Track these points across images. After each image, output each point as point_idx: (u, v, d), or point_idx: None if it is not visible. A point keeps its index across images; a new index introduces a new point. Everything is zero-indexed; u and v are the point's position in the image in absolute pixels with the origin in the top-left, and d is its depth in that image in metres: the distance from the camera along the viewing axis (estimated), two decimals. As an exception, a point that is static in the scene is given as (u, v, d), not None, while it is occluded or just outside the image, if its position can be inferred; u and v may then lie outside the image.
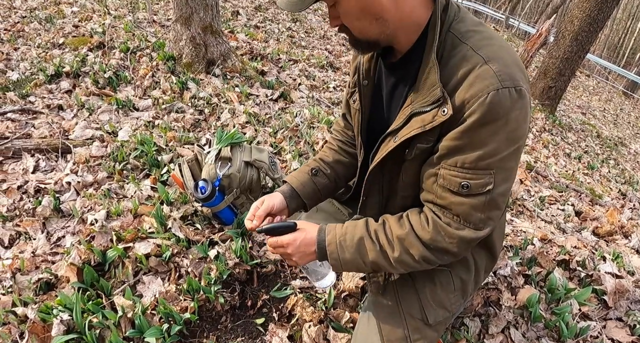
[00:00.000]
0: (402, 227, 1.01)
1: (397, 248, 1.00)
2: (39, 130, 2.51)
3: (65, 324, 1.45)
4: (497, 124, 0.85)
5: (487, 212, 0.95)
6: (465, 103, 0.86)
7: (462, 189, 0.91)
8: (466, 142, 0.88)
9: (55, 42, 3.75)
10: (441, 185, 0.95)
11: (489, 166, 0.89)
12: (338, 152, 1.43)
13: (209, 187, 1.75)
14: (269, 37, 4.98)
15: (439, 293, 1.20)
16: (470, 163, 0.89)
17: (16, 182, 2.14)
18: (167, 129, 2.56)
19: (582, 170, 4.93)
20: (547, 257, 2.18)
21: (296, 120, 2.88)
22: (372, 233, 1.04)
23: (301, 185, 1.33)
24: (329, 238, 1.05)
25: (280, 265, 1.79)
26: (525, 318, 1.79)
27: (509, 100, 0.84)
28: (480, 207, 0.93)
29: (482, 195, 0.92)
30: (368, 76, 1.14)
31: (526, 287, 1.94)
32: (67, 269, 1.62)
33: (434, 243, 0.97)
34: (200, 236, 1.82)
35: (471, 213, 0.94)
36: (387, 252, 1.01)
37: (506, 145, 0.88)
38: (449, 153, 0.92)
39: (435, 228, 0.97)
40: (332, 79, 4.19)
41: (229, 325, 1.57)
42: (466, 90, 0.86)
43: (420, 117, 0.95)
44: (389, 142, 1.04)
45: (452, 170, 0.92)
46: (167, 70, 3.29)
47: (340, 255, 1.04)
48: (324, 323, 1.54)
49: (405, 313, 1.17)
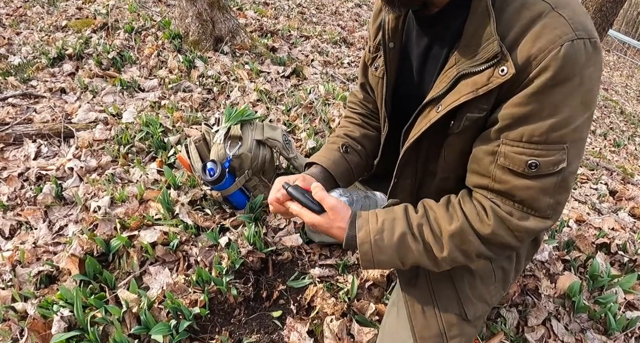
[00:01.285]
0: (454, 219, 0.84)
1: (447, 246, 0.84)
2: (41, 115, 2.38)
3: (66, 321, 1.34)
4: (571, 84, 0.70)
5: (556, 195, 0.79)
6: (531, 59, 0.71)
7: (530, 169, 0.75)
8: (535, 108, 0.72)
9: (58, 25, 3.61)
10: (501, 165, 0.78)
11: (562, 138, 0.73)
12: (362, 126, 1.25)
13: (218, 168, 1.60)
14: (278, 13, 4.77)
15: (478, 286, 1.06)
16: (540, 135, 0.73)
17: (17, 169, 2.03)
18: (174, 109, 2.41)
19: (608, 148, 4.68)
20: (586, 240, 2.00)
21: (310, 97, 2.70)
22: (415, 228, 0.86)
23: (333, 164, 1.13)
24: (362, 235, 0.86)
25: (297, 252, 1.65)
26: (567, 309, 1.62)
27: (584, 53, 0.69)
28: (550, 191, 0.77)
29: (552, 176, 0.76)
30: (395, 37, 0.96)
31: (566, 273, 1.77)
32: (68, 261, 1.50)
33: (494, 238, 0.82)
34: (210, 222, 1.68)
35: (538, 199, 0.78)
36: (434, 251, 0.85)
37: (581, 110, 0.73)
38: (513, 124, 0.75)
39: (497, 220, 0.81)
40: (346, 55, 3.98)
41: (242, 319, 1.43)
42: (532, 42, 0.71)
43: (470, 79, 0.78)
44: (429, 112, 0.86)
45: (517, 146, 0.76)
46: (174, 49, 3.13)
47: (375, 257, 0.86)
48: (347, 316, 1.40)
49: (441, 307, 1.03)
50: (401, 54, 0.99)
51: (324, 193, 0.91)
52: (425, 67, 0.94)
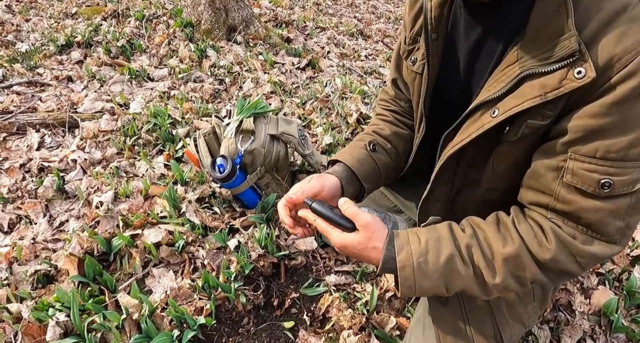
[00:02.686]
0: (508, 242, 0.73)
1: (500, 272, 0.73)
2: (46, 104, 2.29)
3: (62, 326, 1.24)
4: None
5: (628, 218, 0.67)
6: (614, 61, 0.59)
7: (602, 190, 0.65)
8: (616, 120, 0.61)
9: (68, 12, 3.53)
10: (568, 183, 0.68)
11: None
12: (394, 124, 1.11)
13: (229, 165, 1.48)
14: (294, 4, 4.64)
15: (516, 306, 0.95)
16: (618, 151, 0.62)
17: (19, 160, 1.94)
18: (183, 100, 2.30)
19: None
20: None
21: (326, 90, 2.57)
22: (464, 249, 0.75)
23: (358, 163, 1.00)
24: (403, 258, 0.74)
25: (312, 257, 1.53)
26: (603, 328, 1.49)
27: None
28: (621, 213, 0.67)
29: (626, 197, 0.65)
30: (439, 27, 0.83)
31: (600, 287, 1.63)
32: (66, 260, 1.39)
33: (554, 264, 0.71)
34: (219, 222, 1.56)
35: (607, 222, 0.67)
36: (484, 276, 0.74)
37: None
38: (586, 137, 0.64)
39: (559, 245, 0.70)
40: (363, 48, 3.84)
41: (251, 329, 1.32)
42: (615, 41, 0.59)
43: (538, 81, 0.66)
44: (481, 116, 0.74)
45: (589, 163, 0.65)
46: (185, 38, 3.02)
47: (418, 283, 0.74)
48: (366, 331, 1.28)
49: (474, 329, 0.92)
50: (445, 47, 0.86)
51: (356, 208, 0.78)
52: (475, 64, 0.81)
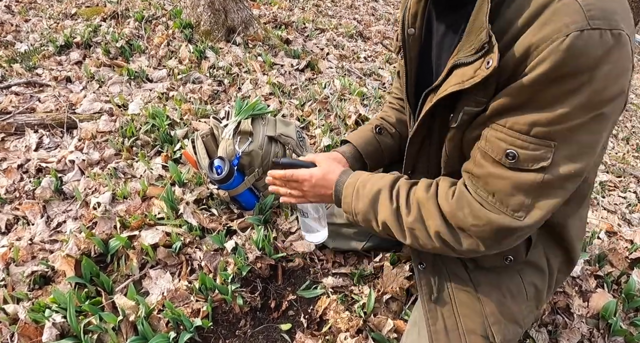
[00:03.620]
0: (427, 191, 0.83)
1: (413, 213, 0.83)
2: (45, 104, 2.29)
3: (59, 327, 1.24)
4: (575, 81, 0.61)
5: (535, 197, 0.70)
6: (532, 49, 0.63)
7: (507, 159, 0.69)
8: (526, 99, 0.66)
9: (68, 12, 3.53)
10: (482, 148, 0.74)
11: (549, 135, 0.65)
12: (400, 111, 1.21)
13: (226, 166, 1.48)
14: (293, 5, 4.64)
15: (509, 305, 0.95)
16: (523, 125, 0.67)
17: (17, 161, 1.93)
18: (182, 101, 2.30)
19: (631, 153, 4.49)
20: (619, 254, 1.85)
21: (325, 92, 2.57)
22: (395, 189, 0.87)
23: (364, 143, 1.16)
24: (350, 181, 0.93)
25: (309, 259, 1.52)
26: (601, 331, 1.49)
27: (599, 47, 0.59)
28: (526, 189, 0.69)
29: (531, 173, 0.68)
30: (415, 23, 0.89)
31: (599, 290, 1.63)
32: (63, 262, 1.39)
33: (453, 219, 0.77)
34: (216, 223, 1.56)
35: (511, 194, 0.71)
36: (402, 215, 0.85)
37: (583, 111, 0.63)
38: (501, 111, 0.70)
39: (458, 201, 0.77)
40: (363, 49, 3.84)
41: (248, 331, 1.31)
42: (536, 31, 0.62)
43: (461, 70, 0.73)
44: (430, 100, 0.83)
45: (499, 131, 0.70)
46: (184, 39, 3.01)
47: (354, 203, 0.91)
48: (363, 333, 1.27)
49: (466, 328, 0.93)
50: (421, 42, 0.91)
51: (314, 154, 1.02)
52: (442, 56, 0.87)
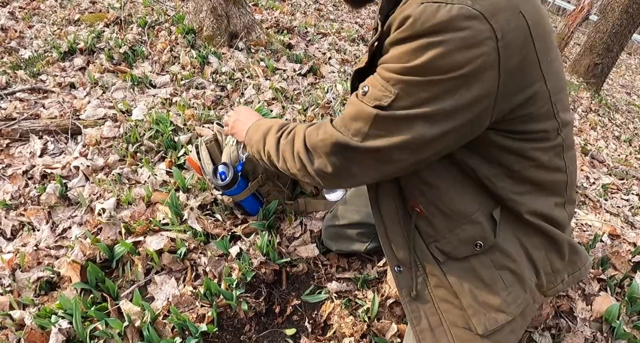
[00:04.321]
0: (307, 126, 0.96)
1: (288, 138, 0.97)
2: (49, 110, 2.30)
3: (65, 333, 1.25)
4: (417, 43, 0.71)
5: (373, 129, 0.80)
6: (393, 21, 0.76)
7: (361, 90, 0.82)
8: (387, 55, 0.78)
9: (71, 18, 3.55)
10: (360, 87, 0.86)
11: (389, 79, 0.76)
12: None
13: (230, 172, 1.49)
14: (295, 10, 4.66)
15: (485, 295, 0.94)
16: (380, 70, 0.79)
17: (22, 167, 1.94)
18: (185, 107, 2.31)
19: (634, 154, 4.48)
20: (622, 257, 1.84)
21: (328, 96, 2.58)
22: (285, 124, 1.04)
23: None
24: (257, 120, 1.16)
25: (313, 264, 1.53)
26: (604, 334, 1.48)
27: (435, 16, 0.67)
28: (364, 118, 0.80)
29: (369, 107, 0.79)
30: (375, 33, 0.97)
31: (602, 294, 1.62)
32: (68, 267, 1.40)
33: (309, 140, 0.90)
34: (221, 229, 1.57)
35: (354, 118, 0.82)
36: (280, 140, 0.99)
37: (422, 70, 0.72)
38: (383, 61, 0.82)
39: (319, 126, 0.91)
40: (364, 53, 3.85)
41: (253, 336, 1.32)
42: (398, 13, 0.75)
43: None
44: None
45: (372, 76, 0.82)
46: (187, 44, 3.03)
47: (250, 133, 1.12)
48: (367, 338, 1.28)
49: (449, 322, 0.95)
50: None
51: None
52: None
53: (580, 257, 1.05)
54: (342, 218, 1.43)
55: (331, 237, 1.50)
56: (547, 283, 1.00)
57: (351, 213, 1.42)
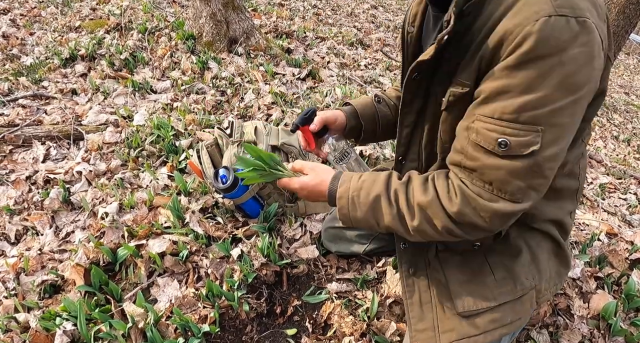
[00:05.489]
0: (426, 193, 0.83)
1: (417, 217, 0.84)
2: (51, 116, 2.33)
3: (69, 335, 1.27)
4: (548, 63, 0.66)
5: (529, 180, 0.74)
6: (507, 34, 0.69)
7: (499, 148, 0.72)
8: (507, 83, 0.70)
9: (72, 25, 3.59)
10: (474, 142, 0.76)
11: (535, 119, 0.69)
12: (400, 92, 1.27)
13: (231, 175, 1.51)
14: (294, 14, 4.70)
15: (472, 283, 0.99)
16: (510, 113, 0.70)
17: (25, 172, 1.97)
18: (186, 112, 2.34)
19: (632, 154, 4.50)
20: (619, 255, 1.86)
21: (327, 100, 2.61)
22: (392, 193, 0.87)
23: (362, 106, 1.24)
24: (341, 191, 0.91)
25: (314, 265, 1.55)
26: (601, 331, 1.50)
27: (566, 32, 0.65)
28: (521, 174, 0.73)
29: (523, 158, 0.72)
30: (414, 22, 0.96)
31: (599, 292, 1.64)
32: (72, 271, 1.42)
33: (461, 217, 0.80)
34: (222, 232, 1.59)
35: (508, 181, 0.74)
36: (406, 219, 0.85)
37: (560, 93, 0.68)
38: (486, 98, 0.73)
39: (464, 201, 0.79)
40: (363, 57, 3.89)
41: (254, 337, 1.34)
42: (511, 19, 0.69)
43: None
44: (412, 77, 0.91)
45: (488, 122, 0.73)
46: (187, 50, 3.07)
47: (351, 213, 0.91)
48: (367, 337, 1.30)
49: (438, 299, 1.00)
50: (419, 40, 0.97)
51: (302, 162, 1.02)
52: None
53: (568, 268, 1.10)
54: None
55: (331, 239, 1.53)
56: (544, 290, 1.03)
57: None
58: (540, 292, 1.03)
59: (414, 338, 0.98)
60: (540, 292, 1.03)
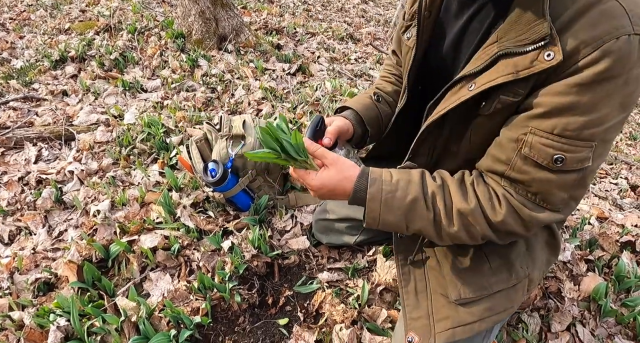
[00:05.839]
0: (467, 201, 0.80)
1: (456, 224, 0.81)
2: (42, 118, 2.34)
3: (63, 330, 1.28)
4: (617, 82, 0.65)
5: (573, 191, 0.75)
6: (582, 47, 0.65)
7: (555, 164, 0.71)
8: (575, 100, 0.67)
9: (61, 27, 3.58)
10: (526, 155, 0.73)
11: (592, 136, 0.69)
12: (395, 84, 1.24)
13: (220, 169, 1.52)
14: (284, 11, 4.70)
15: (465, 271, 0.99)
16: (572, 131, 0.68)
17: (17, 174, 1.98)
18: (176, 109, 2.35)
19: (624, 141, 4.53)
20: (609, 238, 1.88)
21: (317, 94, 2.62)
22: (430, 196, 0.82)
23: (364, 108, 1.15)
24: (373, 191, 0.82)
25: (305, 255, 1.57)
26: (592, 313, 1.52)
27: (637, 52, 0.63)
28: (568, 187, 0.74)
29: (574, 173, 0.72)
30: (433, 5, 0.91)
31: (590, 274, 1.66)
32: (65, 267, 1.44)
33: (503, 226, 0.79)
34: (213, 225, 1.60)
35: (554, 193, 0.74)
36: (443, 225, 0.82)
37: (618, 111, 0.68)
38: (548, 113, 0.70)
39: (509, 210, 0.77)
40: (353, 51, 3.89)
41: (247, 327, 1.35)
42: (586, 29, 0.65)
43: (512, 60, 0.72)
44: (460, 89, 0.80)
45: (547, 138, 0.70)
46: (177, 49, 3.07)
47: (382, 216, 0.83)
48: (358, 324, 1.31)
49: (432, 287, 1.01)
50: (436, 25, 0.94)
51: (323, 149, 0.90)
52: (462, 42, 0.88)
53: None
54: (331, 212, 1.47)
55: (321, 231, 1.54)
56: (536, 278, 1.05)
57: (340, 208, 1.44)
58: (532, 280, 1.04)
59: (409, 326, 0.97)
60: (533, 281, 1.04)
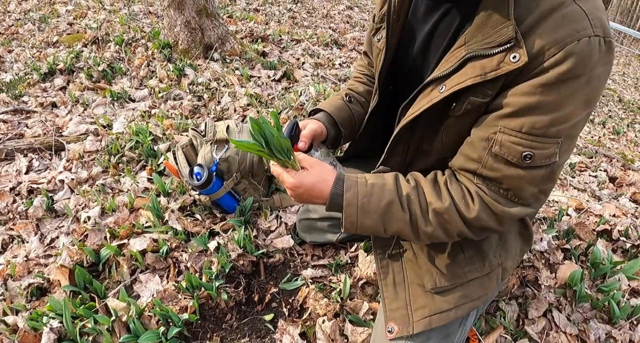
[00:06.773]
0: (441, 199, 0.83)
1: (432, 223, 0.84)
2: (32, 130, 2.39)
3: (56, 332, 1.32)
4: (580, 81, 0.69)
5: (542, 185, 0.79)
6: (546, 48, 0.69)
7: (524, 161, 0.75)
8: (542, 100, 0.71)
9: (50, 41, 3.63)
10: (496, 153, 0.77)
11: (559, 133, 0.73)
12: (367, 84, 1.26)
13: (205, 172, 1.58)
14: (269, 19, 4.78)
15: (441, 261, 1.03)
16: (540, 128, 0.72)
17: (9, 184, 2.02)
18: (164, 118, 2.41)
19: (607, 136, 4.63)
20: (586, 227, 1.96)
21: (301, 99, 2.69)
22: (404, 198, 0.85)
23: (336, 110, 1.17)
24: (349, 196, 0.85)
25: (289, 254, 1.62)
26: (568, 299, 1.59)
27: (597, 52, 0.68)
28: (537, 181, 0.78)
29: (543, 168, 0.76)
30: (401, 8, 0.95)
31: (566, 262, 1.73)
32: (57, 272, 1.48)
33: (477, 222, 0.83)
34: (200, 227, 1.66)
35: (524, 188, 0.79)
36: (419, 225, 0.85)
37: (582, 108, 0.73)
38: (515, 113, 0.74)
39: (482, 206, 0.81)
40: (338, 56, 3.97)
41: (234, 324, 1.41)
42: (549, 32, 0.69)
43: (479, 62, 0.75)
44: (431, 91, 0.84)
45: (515, 136, 0.74)
46: (163, 59, 3.13)
47: (360, 220, 0.86)
48: (340, 317, 1.37)
49: (409, 278, 1.04)
50: (405, 28, 0.97)
51: (302, 154, 0.93)
52: (430, 44, 0.92)
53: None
54: (314, 211, 1.52)
55: (305, 229, 1.59)
56: (509, 267, 1.09)
57: (322, 207, 1.49)
58: (506, 269, 1.08)
59: (389, 316, 1.00)
60: (506, 270, 1.09)
